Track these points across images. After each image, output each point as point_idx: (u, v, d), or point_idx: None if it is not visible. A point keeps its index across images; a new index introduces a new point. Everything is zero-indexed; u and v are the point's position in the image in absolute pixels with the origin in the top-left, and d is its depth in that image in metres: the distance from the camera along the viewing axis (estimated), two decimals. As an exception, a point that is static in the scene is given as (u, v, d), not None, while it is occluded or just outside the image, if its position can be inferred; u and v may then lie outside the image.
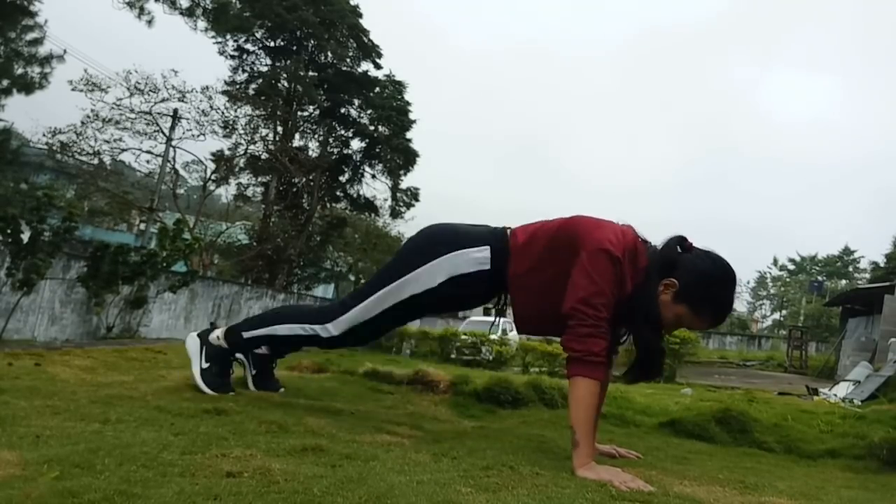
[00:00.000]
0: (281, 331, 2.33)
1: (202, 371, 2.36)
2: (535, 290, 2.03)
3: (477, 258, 2.07)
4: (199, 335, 2.44)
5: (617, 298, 1.87)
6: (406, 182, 23.99)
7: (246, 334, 2.37)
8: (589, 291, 1.83)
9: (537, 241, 2.04)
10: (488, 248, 2.07)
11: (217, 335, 2.40)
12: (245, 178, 22.04)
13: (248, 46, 22.08)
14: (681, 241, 1.97)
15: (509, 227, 2.16)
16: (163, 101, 18.43)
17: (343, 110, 23.02)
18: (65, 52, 12.60)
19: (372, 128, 23.04)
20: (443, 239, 2.15)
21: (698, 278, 1.90)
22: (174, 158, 19.55)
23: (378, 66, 23.30)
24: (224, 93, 19.84)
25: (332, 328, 2.23)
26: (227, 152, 20.40)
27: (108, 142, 18.27)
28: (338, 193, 24.10)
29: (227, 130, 19.70)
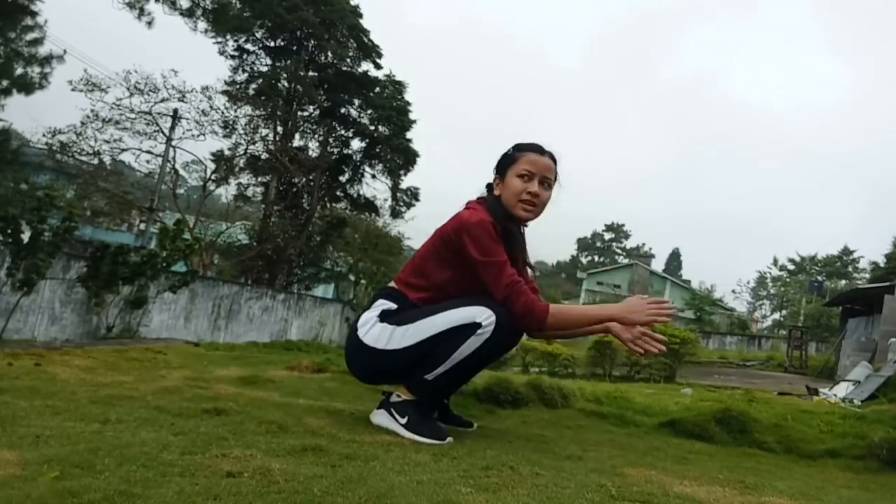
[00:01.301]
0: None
1: (406, 427, 2.08)
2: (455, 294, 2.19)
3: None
4: (380, 406, 2.23)
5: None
6: (406, 182, 24.01)
7: (429, 376, 2.12)
8: (492, 273, 2.10)
9: (421, 269, 2.26)
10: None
11: (396, 394, 2.18)
12: (245, 178, 22.02)
13: (249, 46, 22.06)
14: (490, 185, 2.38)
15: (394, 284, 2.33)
16: (163, 101, 18.40)
17: (343, 110, 22.99)
18: (65, 52, 12.60)
19: (372, 128, 23.01)
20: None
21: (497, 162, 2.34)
22: (174, 158, 19.52)
23: (378, 67, 23.30)
24: (224, 93, 19.81)
25: None
26: (227, 152, 20.38)
27: (107, 142, 18.24)
28: (338, 193, 24.07)
29: (227, 130, 19.67)
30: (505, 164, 2.30)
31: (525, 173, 2.24)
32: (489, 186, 2.37)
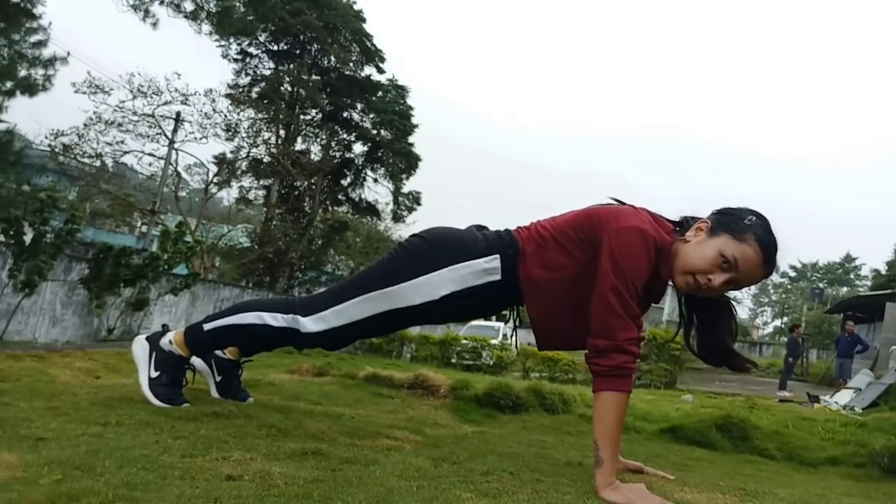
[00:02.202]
0: (248, 319, 2.06)
1: (151, 381, 2.08)
2: (553, 294, 1.82)
3: (485, 269, 1.86)
4: (148, 339, 2.16)
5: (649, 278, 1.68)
6: (408, 186, 24.03)
7: (208, 326, 2.11)
8: (617, 295, 1.63)
9: (550, 237, 1.83)
10: (498, 257, 1.86)
11: (169, 339, 2.13)
12: (247, 182, 22.06)
13: (252, 50, 22.13)
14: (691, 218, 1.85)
15: (519, 227, 1.96)
16: (165, 103, 18.47)
17: (345, 114, 23.04)
18: (68, 54, 12.64)
19: (374, 132, 23.05)
20: (447, 246, 1.92)
21: (730, 212, 1.75)
22: (176, 161, 19.58)
23: (381, 71, 23.36)
24: (227, 96, 19.87)
25: (312, 324, 1.98)
26: (229, 155, 20.43)
27: (110, 144, 18.30)
28: (339, 197, 24.10)
29: (230, 133, 19.74)
30: (729, 227, 1.71)
31: (731, 260, 1.67)
32: (685, 222, 1.83)
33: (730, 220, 1.72)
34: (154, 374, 2.09)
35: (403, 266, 1.94)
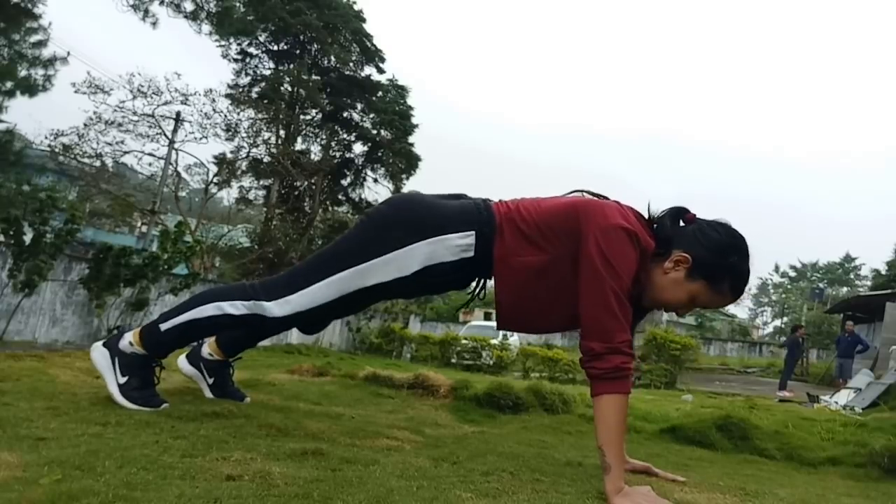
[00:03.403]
0: (207, 311, 1.95)
1: (121, 387, 1.98)
2: (524, 280, 1.78)
3: (459, 245, 1.80)
4: (105, 345, 2.04)
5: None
6: (408, 186, 24.03)
7: (164, 325, 1.99)
8: (605, 291, 1.61)
9: (531, 220, 1.79)
10: (473, 234, 1.80)
11: (129, 340, 2.02)
12: (247, 182, 22.04)
13: (252, 50, 22.12)
14: (680, 212, 1.80)
15: (496, 200, 1.90)
16: (166, 103, 18.45)
17: (346, 114, 23.04)
18: (68, 54, 12.64)
19: (374, 132, 23.05)
20: (418, 219, 1.83)
21: (713, 249, 1.71)
22: (176, 161, 19.57)
23: (381, 71, 23.36)
24: (227, 96, 19.87)
25: (277, 308, 1.88)
26: (229, 155, 20.41)
27: (110, 144, 18.28)
28: (340, 197, 24.10)
29: (230, 133, 19.72)
30: (707, 274, 1.71)
31: (701, 304, 1.77)
32: (663, 226, 1.78)
33: (710, 267, 1.71)
34: (122, 380, 1.99)
35: (372, 241, 1.85)
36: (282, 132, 21.49)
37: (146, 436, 1.65)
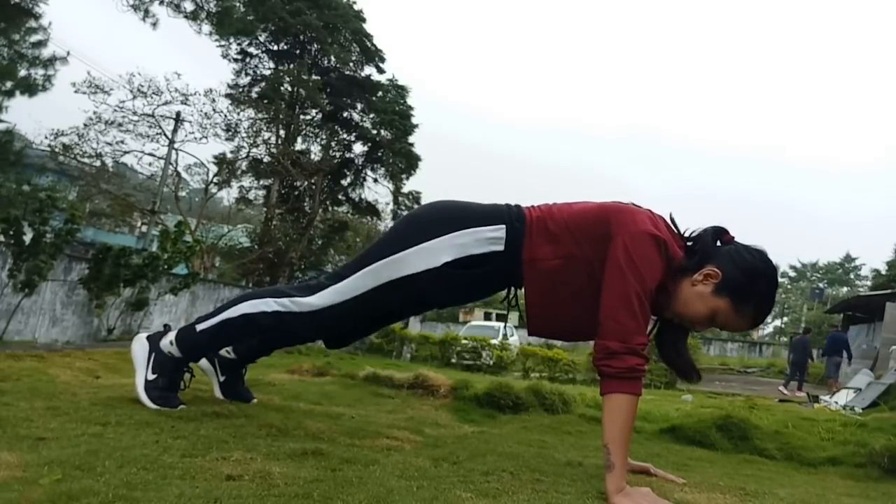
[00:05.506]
0: (242, 310, 2.00)
1: (147, 383, 2.05)
2: (554, 281, 1.78)
3: (489, 237, 1.83)
4: (149, 339, 2.13)
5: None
6: (408, 186, 24.04)
7: (200, 326, 2.06)
8: (630, 294, 1.62)
9: (561, 222, 1.80)
10: (504, 227, 1.83)
11: (170, 340, 2.08)
12: (247, 182, 22.08)
13: (252, 50, 22.14)
14: (719, 232, 1.81)
15: (531, 206, 1.92)
16: (166, 103, 18.47)
17: (346, 114, 23.05)
18: (68, 53, 12.63)
19: (374, 132, 23.07)
20: (451, 215, 1.89)
21: (745, 270, 1.71)
22: (176, 161, 19.58)
23: (381, 71, 23.39)
24: (227, 96, 19.89)
25: (314, 299, 1.94)
26: (229, 155, 20.43)
27: (110, 144, 18.30)
28: (339, 197, 24.11)
29: (230, 133, 19.74)
30: (735, 292, 1.70)
31: (720, 322, 1.76)
32: (696, 247, 1.78)
33: (740, 285, 1.70)
34: (151, 377, 2.06)
35: (405, 235, 1.91)
36: (282, 132, 21.50)
37: (146, 436, 1.65)
